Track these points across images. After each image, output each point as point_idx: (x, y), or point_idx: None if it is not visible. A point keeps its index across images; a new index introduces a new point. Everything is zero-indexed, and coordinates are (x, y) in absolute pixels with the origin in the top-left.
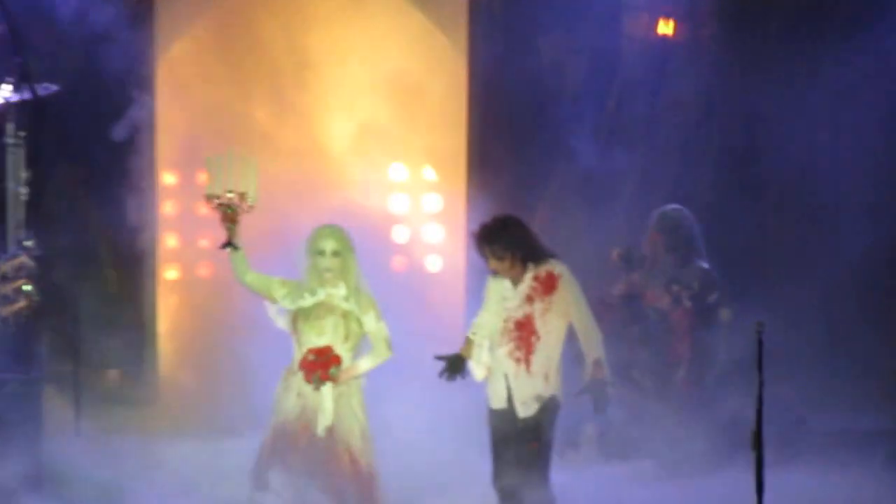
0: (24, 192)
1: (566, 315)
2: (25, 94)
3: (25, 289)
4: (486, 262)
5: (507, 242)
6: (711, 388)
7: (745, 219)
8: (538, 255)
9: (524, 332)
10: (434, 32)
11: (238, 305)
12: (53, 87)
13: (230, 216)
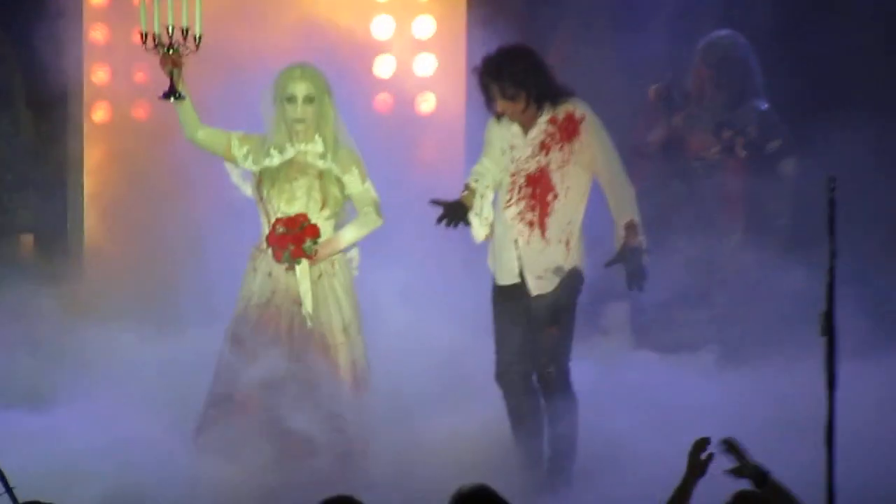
0: None
1: (590, 167)
2: None
3: None
4: (490, 105)
5: (520, 77)
6: (773, 259)
7: (817, 45)
8: (555, 93)
9: (538, 189)
10: None
11: (188, 155)
12: None
13: (172, 59)
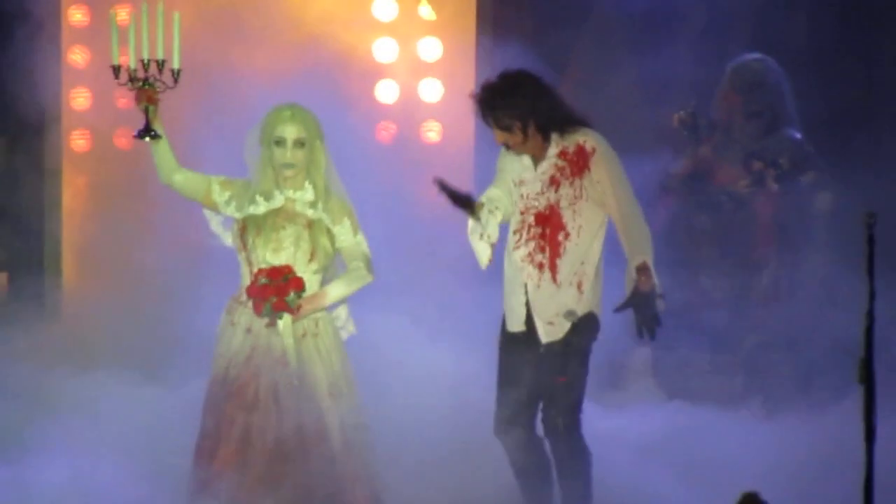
0: None
1: (603, 203)
2: None
3: None
4: (494, 135)
5: (517, 107)
6: (806, 300)
7: (853, 69)
8: (563, 123)
9: (548, 229)
10: None
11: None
12: None
13: (146, 94)
